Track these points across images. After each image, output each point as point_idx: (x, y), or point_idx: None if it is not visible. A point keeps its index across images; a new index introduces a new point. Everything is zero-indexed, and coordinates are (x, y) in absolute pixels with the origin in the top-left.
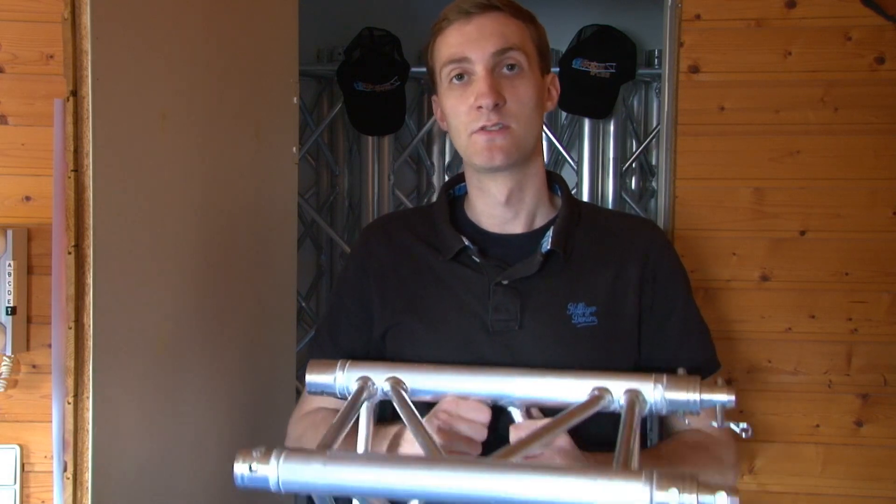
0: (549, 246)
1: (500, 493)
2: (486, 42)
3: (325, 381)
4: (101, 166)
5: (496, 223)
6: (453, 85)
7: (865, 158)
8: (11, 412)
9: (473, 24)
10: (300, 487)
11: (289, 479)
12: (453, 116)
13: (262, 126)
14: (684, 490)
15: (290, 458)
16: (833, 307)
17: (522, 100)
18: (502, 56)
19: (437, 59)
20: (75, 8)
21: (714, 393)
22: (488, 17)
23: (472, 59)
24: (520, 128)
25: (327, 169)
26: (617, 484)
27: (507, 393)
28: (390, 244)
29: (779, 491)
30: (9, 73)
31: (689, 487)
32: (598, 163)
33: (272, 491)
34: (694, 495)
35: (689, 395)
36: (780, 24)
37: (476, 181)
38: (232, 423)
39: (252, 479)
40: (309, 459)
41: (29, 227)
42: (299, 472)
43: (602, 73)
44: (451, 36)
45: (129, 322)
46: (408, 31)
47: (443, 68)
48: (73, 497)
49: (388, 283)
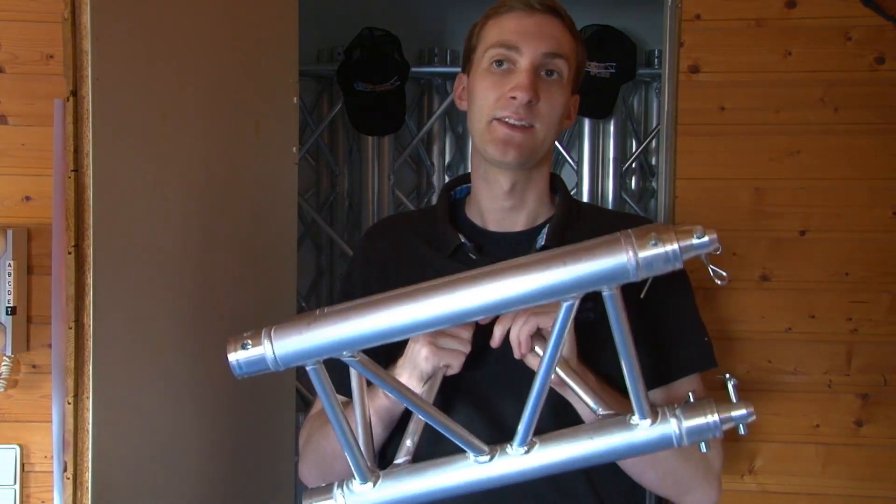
0: (544, 242)
1: (495, 298)
2: (541, 40)
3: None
4: (101, 166)
5: (497, 218)
6: (492, 69)
7: (865, 158)
8: (11, 412)
9: (534, 19)
10: (297, 356)
11: (283, 351)
12: (481, 99)
13: (262, 126)
14: (661, 238)
15: (279, 331)
16: (833, 307)
17: (554, 106)
18: (550, 60)
19: (484, 38)
20: (75, 8)
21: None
22: (549, 19)
23: (523, 51)
24: (542, 131)
25: (327, 169)
26: (602, 256)
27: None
28: (393, 242)
29: (779, 491)
30: (9, 73)
31: (665, 235)
32: (598, 163)
33: (272, 369)
34: (674, 242)
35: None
36: (780, 24)
37: (482, 171)
38: (232, 423)
39: (248, 363)
40: (297, 325)
41: (29, 227)
42: (291, 342)
43: (602, 73)
44: (509, 22)
45: (129, 322)
46: (408, 31)
47: (489, 49)
48: (73, 497)
49: (391, 279)
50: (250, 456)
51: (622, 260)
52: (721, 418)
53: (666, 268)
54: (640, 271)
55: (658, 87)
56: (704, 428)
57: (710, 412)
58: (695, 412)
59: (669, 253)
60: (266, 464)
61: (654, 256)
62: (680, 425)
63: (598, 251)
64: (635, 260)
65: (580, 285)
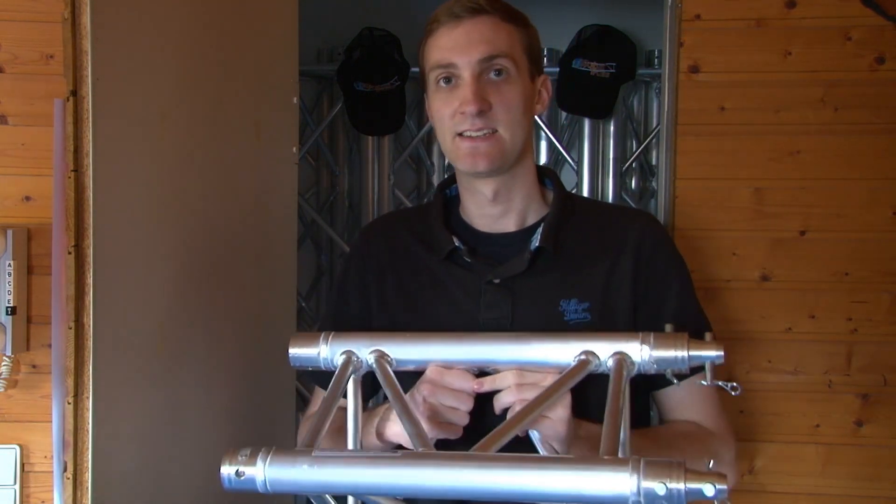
0: (539, 243)
1: (486, 486)
2: (473, 49)
3: (308, 353)
4: (101, 166)
5: (487, 222)
6: (440, 87)
7: (865, 158)
8: (11, 412)
9: (462, 28)
10: (287, 488)
11: (276, 479)
12: (438, 119)
13: (262, 126)
14: (672, 480)
15: (275, 460)
16: (833, 307)
17: (509, 105)
18: (489, 63)
19: (426, 60)
20: (75, 8)
21: (702, 349)
22: (477, 22)
23: (459, 65)
24: (506, 133)
25: (327, 169)
26: (603, 474)
27: (492, 358)
28: (389, 243)
29: (779, 491)
30: (9, 73)
31: (677, 476)
32: (598, 163)
33: (260, 492)
34: (682, 484)
35: (677, 352)
36: (780, 24)
37: (465, 181)
38: (232, 423)
39: (239, 482)
40: (295, 460)
41: (29, 227)
42: (286, 473)
43: (602, 73)
44: (440, 39)
45: (129, 322)
46: (408, 31)
47: (431, 71)
48: (73, 497)
49: (387, 281)
50: None
51: (623, 489)
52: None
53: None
54: (640, 502)
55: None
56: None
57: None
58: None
59: (673, 493)
60: None
61: (656, 492)
62: None
63: (603, 469)
64: (637, 488)
65: (576, 498)
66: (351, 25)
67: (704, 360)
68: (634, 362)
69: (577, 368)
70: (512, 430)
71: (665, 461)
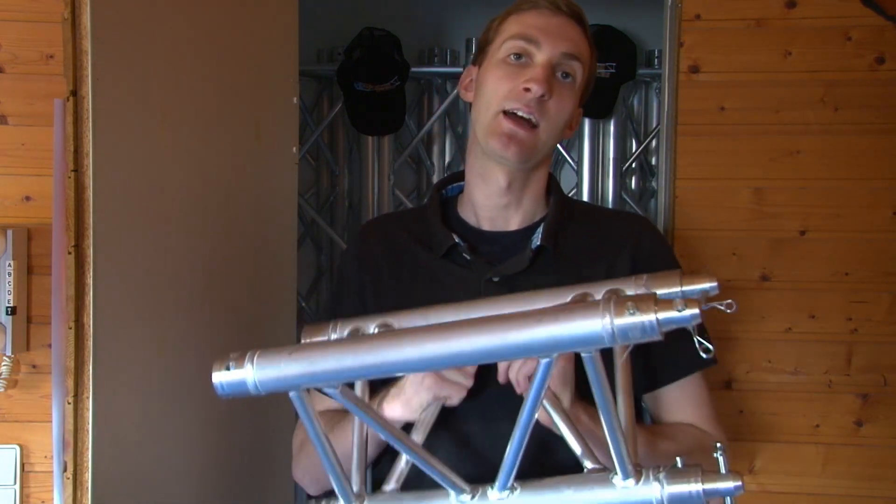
0: (539, 241)
1: (472, 348)
2: (563, 40)
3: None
4: (101, 166)
5: (491, 216)
6: (508, 61)
7: (865, 158)
8: (11, 412)
9: (558, 19)
10: (277, 383)
11: (264, 377)
12: (492, 90)
13: (262, 126)
14: (640, 308)
15: (262, 357)
16: (833, 307)
17: (563, 105)
18: (568, 60)
19: (504, 30)
20: (75, 8)
21: (696, 282)
22: (571, 24)
23: (542, 47)
24: (546, 131)
25: (327, 169)
26: (578, 319)
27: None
28: (385, 242)
29: (779, 491)
30: (9, 73)
31: (646, 305)
32: (598, 163)
33: (252, 394)
34: (652, 314)
35: (671, 288)
36: (780, 24)
37: (479, 167)
38: (232, 423)
39: (230, 385)
40: (281, 354)
41: (29, 227)
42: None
43: (602, 73)
44: (532, 18)
45: (129, 322)
46: (408, 31)
47: (507, 41)
48: (73, 497)
49: (383, 280)
50: (250, 456)
51: (597, 327)
52: (706, 489)
53: (643, 338)
54: (615, 339)
55: (658, 87)
56: (686, 497)
57: (694, 481)
58: (679, 479)
59: (646, 324)
60: (266, 463)
61: (631, 326)
62: (662, 491)
63: (575, 315)
64: (611, 328)
65: (554, 346)
66: (351, 25)
67: (699, 291)
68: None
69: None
70: None
71: (633, 297)
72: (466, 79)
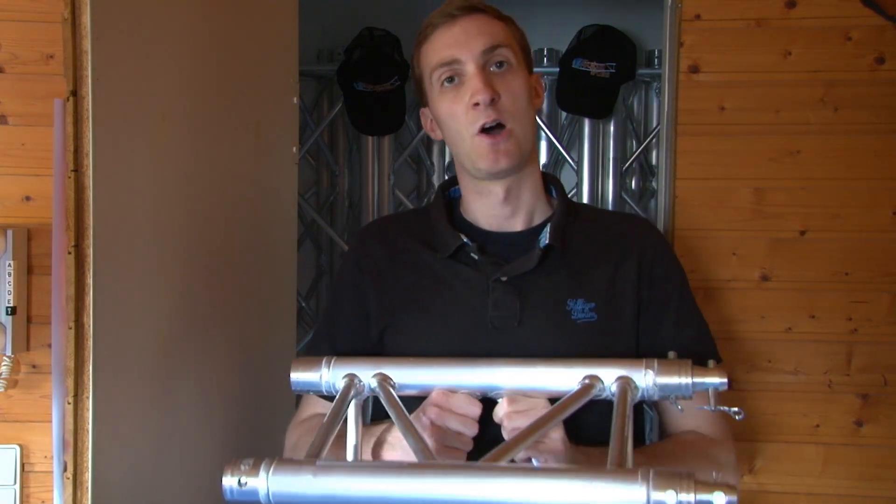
0: (548, 240)
1: (494, 498)
2: (474, 41)
3: (310, 378)
4: (101, 166)
5: (495, 223)
6: (445, 89)
7: (865, 158)
8: (11, 412)
9: (459, 25)
10: (291, 499)
11: (279, 490)
12: (451, 119)
13: (262, 126)
14: (682, 490)
15: (279, 470)
16: (833, 307)
17: (516, 94)
18: (491, 54)
19: (425, 65)
20: (75, 8)
21: (706, 376)
22: (472, 19)
23: (462, 60)
24: (518, 127)
25: (327, 169)
26: (613, 485)
27: (497, 384)
28: (386, 245)
29: (779, 491)
30: (9, 73)
31: (686, 486)
32: (598, 163)
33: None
34: (692, 494)
35: (681, 378)
36: (780, 24)
37: (473, 186)
38: (231, 424)
39: (242, 493)
40: (299, 470)
41: (29, 227)
42: (289, 484)
43: (602, 73)
44: (438, 40)
45: (129, 322)
46: (408, 31)
47: (433, 73)
48: (73, 497)
49: (386, 282)
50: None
51: (634, 502)
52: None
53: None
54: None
55: (658, 87)
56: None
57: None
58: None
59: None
60: None
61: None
62: None
63: (611, 480)
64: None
65: None
66: (351, 25)
67: (707, 386)
68: (638, 387)
69: (582, 392)
70: (508, 452)
71: (674, 471)
72: (427, 122)
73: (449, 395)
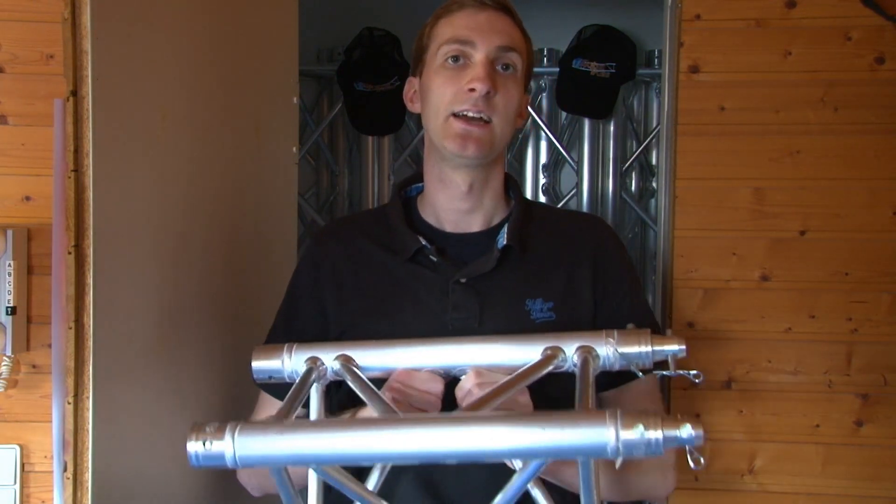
0: (505, 241)
1: (465, 447)
2: (495, 35)
3: (272, 366)
4: (101, 166)
5: (453, 219)
6: (447, 65)
7: (865, 158)
8: (11, 412)
9: (486, 15)
10: (258, 461)
11: (246, 453)
12: (438, 95)
13: (262, 126)
14: (649, 426)
15: (245, 431)
16: (833, 307)
17: (509, 99)
18: (504, 54)
19: (436, 36)
20: (75, 8)
21: (665, 344)
22: (500, 16)
23: (477, 45)
24: (499, 125)
25: (327, 169)
26: (583, 427)
27: (459, 362)
28: (343, 247)
29: (779, 491)
30: (9, 73)
31: (654, 423)
32: (598, 163)
33: (229, 467)
34: (659, 431)
35: (641, 347)
36: (780, 24)
37: (438, 171)
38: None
39: (207, 457)
40: (266, 430)
41: (29, 227)
42: (256, 445)
43: (602, 73)
44: (461, 19)
45: (129, 322)
46: (408, 31)
47: (442, 46)
48: (73, 497)
49: (344, 286)
50: None
51: (602, 439)
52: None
53: (646, 454)
54: (619, 452)
55: (658, 87)
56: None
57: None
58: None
59: (652, 441)
60: None
61: (637, 442)
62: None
63: (580, 423)
64: (616, 443)
65: (555, 453)
66: (351, 25)
67: (667, 353)
68: (599, 356)
69: (545, 361)
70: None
71: (641, 410)
72: (410, 91)
73: (412, 373)
